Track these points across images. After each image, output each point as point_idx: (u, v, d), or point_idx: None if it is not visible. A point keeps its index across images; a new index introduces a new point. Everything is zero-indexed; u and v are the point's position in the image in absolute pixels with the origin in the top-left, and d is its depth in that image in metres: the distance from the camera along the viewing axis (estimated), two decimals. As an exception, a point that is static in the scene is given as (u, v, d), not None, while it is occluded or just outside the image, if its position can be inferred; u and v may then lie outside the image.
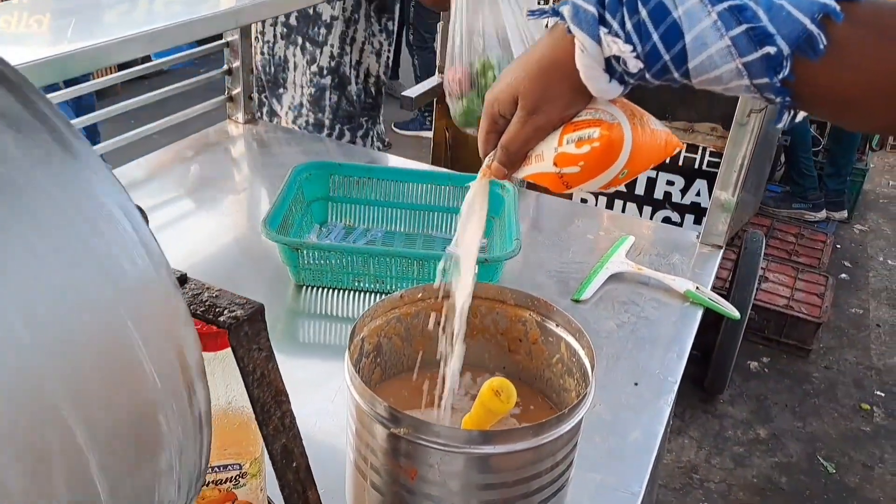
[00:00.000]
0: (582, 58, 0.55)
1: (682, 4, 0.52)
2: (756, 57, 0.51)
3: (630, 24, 0.53)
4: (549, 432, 0.62)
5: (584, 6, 0.54)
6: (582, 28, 0.54)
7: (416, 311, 0.78)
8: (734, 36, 0.51)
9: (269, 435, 0.56)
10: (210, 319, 0.53)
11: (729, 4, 0.51)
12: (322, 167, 1.34)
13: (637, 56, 0.54)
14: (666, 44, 0.53)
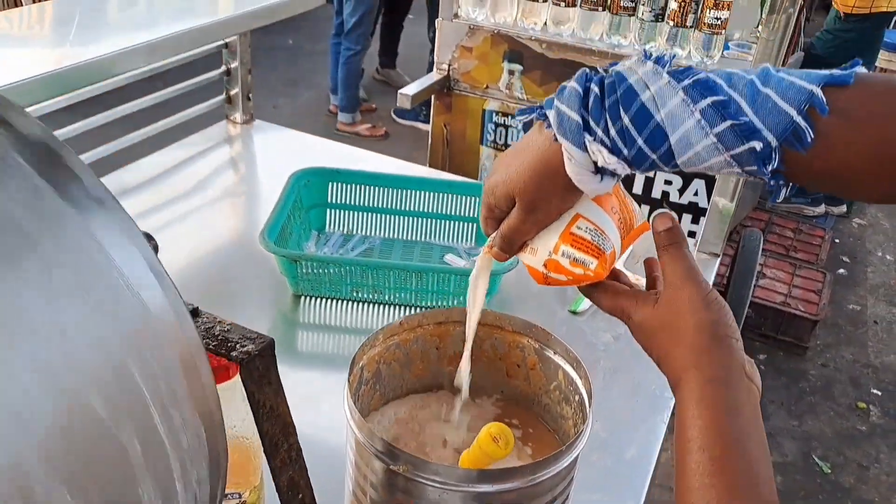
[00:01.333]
0: (571, 165, 0.56)
1: (665, 107, 0.51)
2: (743, 150, 0.50)
3: (614, 130, 0.53)
4: (547, 470, 0.62)
5: (568, 113, 0.54)
6: (567, 138, 0.54)
7: (415, 336, 0.78)
8: (719, 133, 0.50)
9: (277, 467, 0.57)
10: (222, 354, 0.53)
11: (712, 100, 0.50)
12: (320, 174, 1.34)
13: (623, 160, 0.54)
14: (651, 146, 0.53)
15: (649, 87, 0.52)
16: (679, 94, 0.51)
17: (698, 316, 0.55)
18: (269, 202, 1.25)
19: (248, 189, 1.58)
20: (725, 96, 0.50)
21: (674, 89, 0.52)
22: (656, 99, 0.52)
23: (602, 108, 0.53)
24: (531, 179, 0.58)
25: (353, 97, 4.22)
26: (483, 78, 2.23)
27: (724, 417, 0.51)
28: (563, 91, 0.56)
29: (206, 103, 1.69)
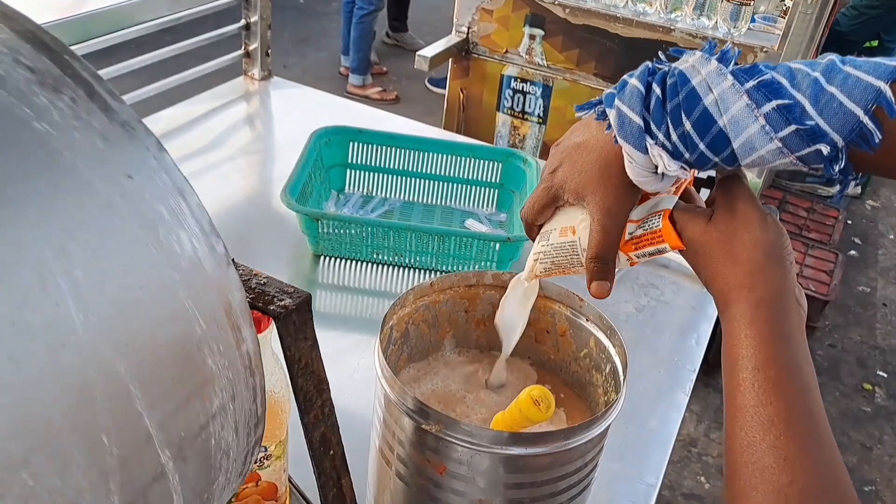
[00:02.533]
0: (632, 168, 0.55)
1: (728, 112, 0.50)
2: (809, 151, 0.49)
3: (675, 135, 0.52)
4: (580, 436, 0.61)
5: (629, 115, 0.54)
6: (628, 141, 0.54)
7: (445, 298, 0.77)
8: (784, 137, 0.49)
9: (310, 423, 0.56)
10: (259, 307, 0.52)
11: (777, 104, 0.49)
12: (342, 133, 1.32)
13: (685, 163, 0.53)
14: (713, 151, 0.52)
15: (712, 89, 0.51)
16: (743, 98, 0.50)
17: (755, 234, 0.53)
18: (287, 160, 1.23)
19: (264, 146, 1.56)
20: (790, 99, 0.49)
21: (737, 92, 0.50)
22: (719, 103, 0.51)
23: (663, 111, 0.53)
24: (607, 181, 0.58)
25: (365, 59, 4.17)
26: (503, 42, 2.20)
27: (778, 339, 0.51)
28: (625, 88, 0.55)
29: (224, 58, 1.66)
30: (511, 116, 2.28)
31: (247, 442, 0.42)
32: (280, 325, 0.52)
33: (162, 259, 0.36)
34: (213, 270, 0.39)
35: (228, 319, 0.39)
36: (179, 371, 0.36)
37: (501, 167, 1.32)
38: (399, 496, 0.68)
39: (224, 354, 0.39)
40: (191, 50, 1.58)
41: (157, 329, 0.35)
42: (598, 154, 0.58)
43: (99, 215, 0.33)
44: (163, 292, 0.36)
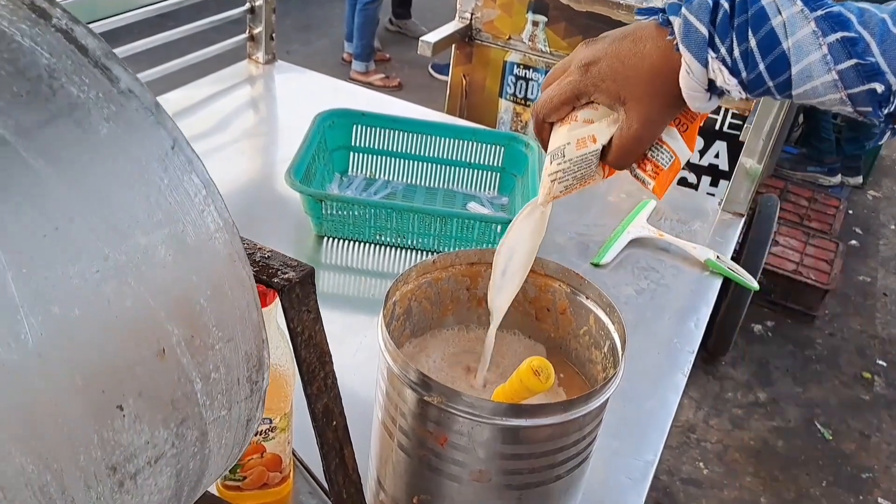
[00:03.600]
0: (687, 80, 0.55)
1: (793, 35, 0.51)
2: (863, 90, 0.50)
3: (738, 51, 0.53)
4: (579, 408, 0.62)
5: (695, 24, 0.53)
6: (691, 50, 0.54)
7: (448, 276, 0.78)
8: (842, 70, 0.50)
9: (313, 394, 0.57)
10: (263, 280, 0.53)
11: (842, 35, 0.50)
12: (345, 115, 1.33)
13: (740, 82, 0.53)
14: (771, 74, 0.52)
15: (781, 12, 0.52)
16: (810, 25, 0.51)
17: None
18: (290, 144, 1.24)
19: (268, 130, 1.57)
20: (855, 33, 0.50)
21: (806, 19, 0.51)
22: (787, 26, 0.51)
23: (730, 25, 0.53)
24: (653, 91, 0.57)
25: (368, 45, 4.16)
26: (506, 28, 2.20)
27: None
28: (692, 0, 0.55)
29: (228, 41, 1.66)
30: (513, 103, 2.28)
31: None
32: (283, 298, 0.53)
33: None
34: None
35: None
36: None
37: (504, 151, 1.33)
38: (401, 467, 0.69)
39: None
40: (195, 33, 1.59)
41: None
42: (651, 61, 0.57)
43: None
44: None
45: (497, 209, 1.31)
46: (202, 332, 0.38)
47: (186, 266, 0.38)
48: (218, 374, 0.40)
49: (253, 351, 0.43)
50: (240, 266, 0.41)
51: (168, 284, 0.36)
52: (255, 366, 0.44)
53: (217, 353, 0.40)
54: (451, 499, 0.67)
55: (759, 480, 2.18)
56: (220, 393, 0.41)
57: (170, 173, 0.39)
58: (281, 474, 0.77)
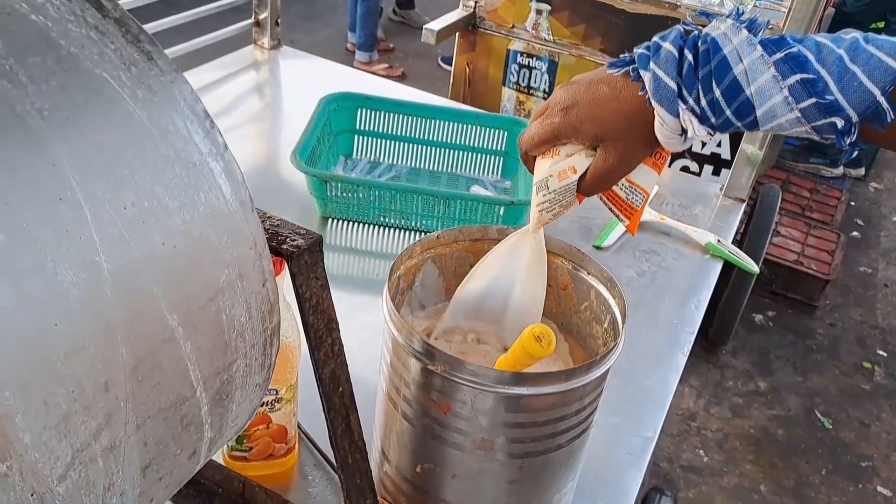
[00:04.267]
0: (661, 130, 0.59)
1: (755, 82, 0.53)
2: (825, 123, 0.53)
3: (704, 101, 0.56)
4: (580, 378, 0.64)
5: (664, 80, 0.57)
6: (663, 105, 0.57)
7: (451, 251, 0.79)
8: (803, 108, 0.52)
9: (320, 360, 0.59)
10: (272, 247, 0.54)
11: (801, 77, 0.52)
12: (350, 99, 1.34)
13: (710, 127, 0.57)
14: (738, 117, 0.55)
15: (742, 59, 0.54)
16: (770, 70, 0.53)
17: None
18: (295, 128, 1.25)
19: (272, 115, 1.58)
20: (814, 74, 0.52)
21: (765, 64, 0.53)
22: (748, 73, 0.54)
23: (695, 77, 0.56)
24: (627, 133, 0.61)
25: (372, 35, 4.17)
26: (509, 17, 2.21)
27: None
28: (660, 52, 0.58)
29: (233, 26, 1.67)
30: (517, 91, 2.29)
31: (262, 328, 0.45)
32: (292, 264, 0.55)
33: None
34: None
35: (236, 197, 0.42)
36: (183, 243, 0.38)
37: (507, 135, 1.34)
38: (405, 437, 0.70)
39: (228, 233, 0.41)
40: (200, 18, 1.59)
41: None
42: (628, 108, 0.60)
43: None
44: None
45: (500, 192, 1.32)
46: (223, 430, 0.45)
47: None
48: (215, 450, 0.47)
49: (242, 424, 0.49)
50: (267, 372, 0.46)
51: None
52: (237, 432, 0.48)
53: (223, 438, 0.47)
54: (453, 467, 0.69)
55: (759, 468, 2.20)
56: (207, 458, 0.46)
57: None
58: (286, 445, 0.79)
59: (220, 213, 0.40)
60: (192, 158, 0.39)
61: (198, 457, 0.44)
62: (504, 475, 0.69)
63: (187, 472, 0.44)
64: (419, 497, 0.72)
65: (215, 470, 0.76)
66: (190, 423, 0.41)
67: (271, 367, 0.50)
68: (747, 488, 2.14)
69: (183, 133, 0.40)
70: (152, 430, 0.38)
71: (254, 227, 0.43)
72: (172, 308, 0.37)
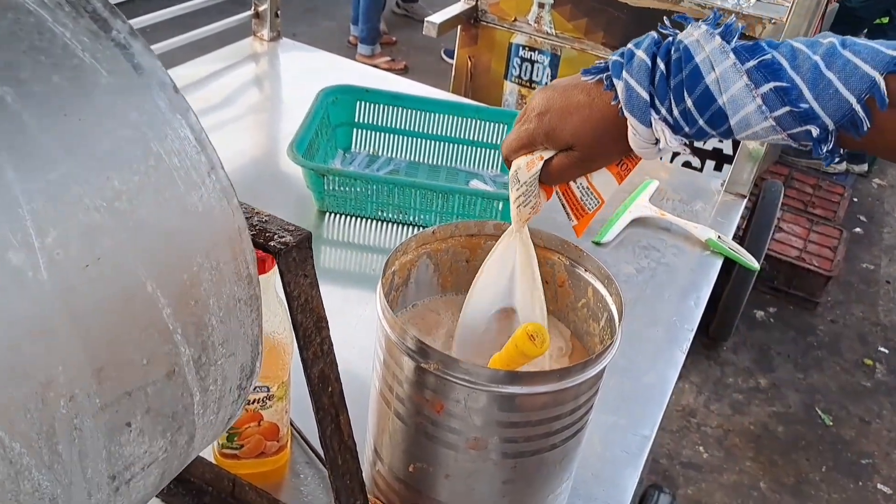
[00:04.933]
0: (634, 139, 0.58)
1: (728, 91, 0.53)
2: (800, 131, 0.52)
3: (677, 111, 0.55)
4: (576, 376, 0.63)
5: (636, 90, 0.56)
6: (635, 115, 0.56)
7: (447, 247, 0.78)
8: (778, 116, 0.52)
9: (309, 359, 0.58)
10: (260, 244, 0.53)
11: (774, 86, 0.51)
12: (349, 92, 1.33)
13: (684, 136, 0.57)
14: (711, 126, 0.55)
15: (714, 68, 0.53)
16: (743, 79, 0.52)
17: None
18: (294, 121, 1.24)
19: (272, 107, 1.56)
20: (788, 82, 0.51)
21: (738, 72, 0.52)
22: (720, 82, 0.53)
23: (667, 86, 0.55)
24: (598, 140, 0.61)
25: (374, 29, 4.15)
26: (511, 10, 2.19)
27: None
28: (632, 61, 0.57)
29: (233, 18, 1.66)
30: (519, 85, 2.28)
31: (232, 213, 0.42)
32: (280, 262, 0.53)
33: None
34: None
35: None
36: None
37: (506, 129, 1.32)
38: (398, 436, 0.70)
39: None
40: (199, 9, 1.58)
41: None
42: (600, 115, 0.60)
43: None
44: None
45: (500, 187, 1.31)
46: (210, 351, 0.39)
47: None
48: (215, 387, 0.41)
49: (248, 363, 0.44)
50: (249, 286, 0.42)
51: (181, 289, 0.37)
52: (247, 375, 0.45)
53: (219, 368, 0.41)
54: (447, 467, 0.68)
55: (759, 465, 2.19)
56: (214, 402, 0.42)
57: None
58: (278, 443, 0.78)
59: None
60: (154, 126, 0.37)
61: (182, 380, 0.39)
62: (498, 475, 0.68)
63: (177, 403, 0.39)
64: (412, 497, 0.72)
65: (205, 468, 0.75)
66: (150, 326, 0.36)
67: (252, 279, 0.44)
68: (747, 485, 2.13)
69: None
70: (95, 326, 0.33)
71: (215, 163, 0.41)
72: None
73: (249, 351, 0.44)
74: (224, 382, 0.42)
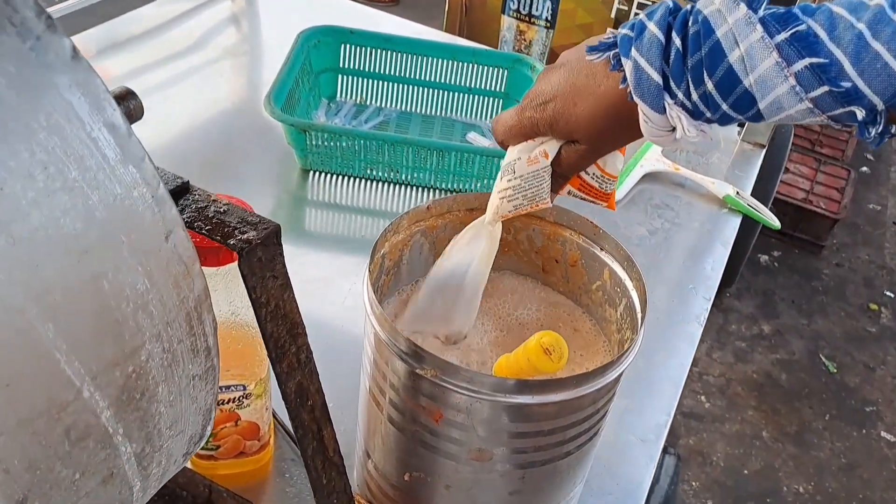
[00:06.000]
0: (647, 127, 0.50)
1: (755, 70, 0.44)
2: (843, 112, 0.44)
3: (696, 94, 0.47)
4: (592, 383, 0.54)
5: (647, 71, 0.48)
6: (646, 100, 0.49)
7: (443, 223, 0.69)
8: (815, 97, 0.43)
9: (283, 373, 0.49)
10: (217, 240, 0.44)
11: (810, 62, 0.43)
12: (332, 34, 1.21)
13: (706, 121, 0.49)
14: (738, 110, 0.47)
15: (739, 43, 0.44)
16: (772, 56, 0.43)
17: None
18: (275, 65, 1.13)
19: (250, 49, 1.44)
20: (826, 57, 0.42)
21: (767, 48, 0.44)
22: (746, 61, 0.44)
23: (684, 66, 0.46)
24: (605, 131, 0.54)
25: (363, -42, 3.94)
26: (510, -62, 2.04)
27: None
28: (643, 36, 0.48)
29: (205, -50, 1.52)
30: (517, 19, 2.13)
31: (178, 297, 0.33)
32: (243, 263, 0.44)
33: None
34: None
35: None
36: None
37: (507, 75, 1.21)
38: (391, 442, 0.62)
39: (94, 170, 0.29)
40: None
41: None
42: (606, 104, 0.52)
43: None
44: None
45: (499, 139, 1.21)
46: (155, 440, 0.33)
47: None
48: (158, 468, 0.34)
49: (197, 432, 0.36)
50: (207, 358, 0.34)
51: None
52: (195, 441, 0.37)
53: (164, 451, 0.33)
54: (447, 477, 0.60)
55: (761, 414, 2.15)
56: (157, 479, 0.35)
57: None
58: (259, 442, 0.70)
59: (69, 136, 0.28)
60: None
61: (121, 479, 0.33)
62: (504, 486, 0.60)
63: (113, 502, 0.34)
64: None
65: (180, 473, 0.67)
66: (85, 436, 0.31)
67: (210, 350, 0.38)
68: (749, 435, 2.09)
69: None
70: (13, 452, 0.28)
71: (137, 157, 0.30)
72: (12, 280, 0.26)
73: (200, 421, 0.36)
74: (168, 460, 0.34)
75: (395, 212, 1.08)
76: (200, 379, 0.37)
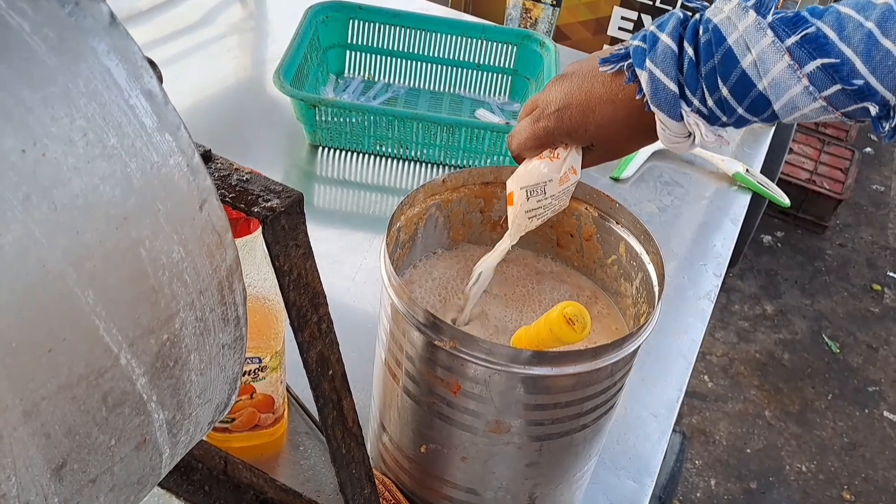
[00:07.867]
0: (665, 135, 0.52)
1: (768, 74, 0.46)
2: (856, 108, 0.45)
3: (711, 101, 0.48)
4: (611, 355, 0.55)
5: (663, 81, 0.49)
6: (663, 110, 0.50)
7: (459, 197, 0.68)
8: (829, 95, 0.45)
9: (305, 342, 0.49)
10: (241, 208, 0.44)
11: (822, 63, 0.44)
12: (341, 9, 1.20)
13: (722, 125, 0.51)
14: (753, 112, 0.48)
15: (751, 49, 0.46)
16: (784, 59, 0.45)
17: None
18: (282, 40, 1.12)
19: (257, 25, 1.43)
20: (837, 57, 0.44)
21: (778, 51, 0.45)
22: (758, 65, 0.46)
23: (698, 75, 0.48)
24: (625, 138, 0.56)
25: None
26: (516, -87, 2.02)
27: None
28: (656, 47, 0.49)
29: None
30: (522, -3, 2.12)
31: (211, 266, 0.33)
32: (266, 231, 0.44)
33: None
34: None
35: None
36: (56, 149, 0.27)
37: (516, 51, 1.20)
38: (407, 414, 0.62)
39: (131, 136, 0.29)
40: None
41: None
42: (624, 114, 0.54)
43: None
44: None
45: (508, 116, 1.20)
46: (185, 408, 0.33)
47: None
48: (186, 436, 0.35)
49: (223, 401, 0.37)
50: (237, 328, 0.34)
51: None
52: (220, 410, 0.38)
53: (192, 419, 0.33)
54: (464, 449, 0.60)
55: (764, 393, 2.16)
56: (184, 446, 0.35)
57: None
58: (274, 415, 0.71)
59: (107, 103, 0.27)
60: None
61: (153, 445, 0.33)
62: (521, 458, 0.60)
63: (144, 468, 0.34)
64: (424, 478, 0.65)
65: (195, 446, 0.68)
66: (121, 403, 0.31)
67: (240, 320, 0.38)
68: (752, 414, 2.10)
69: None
70: (54, 416, 0.27)
71: (173, 125, 0.30)
72: (54, 245, 0.26)
73: (227, 390, 0.36)
74: (196, 428, 0.34)
75: (404, 188, 1.08)
76: (229, 348, 0.37)
